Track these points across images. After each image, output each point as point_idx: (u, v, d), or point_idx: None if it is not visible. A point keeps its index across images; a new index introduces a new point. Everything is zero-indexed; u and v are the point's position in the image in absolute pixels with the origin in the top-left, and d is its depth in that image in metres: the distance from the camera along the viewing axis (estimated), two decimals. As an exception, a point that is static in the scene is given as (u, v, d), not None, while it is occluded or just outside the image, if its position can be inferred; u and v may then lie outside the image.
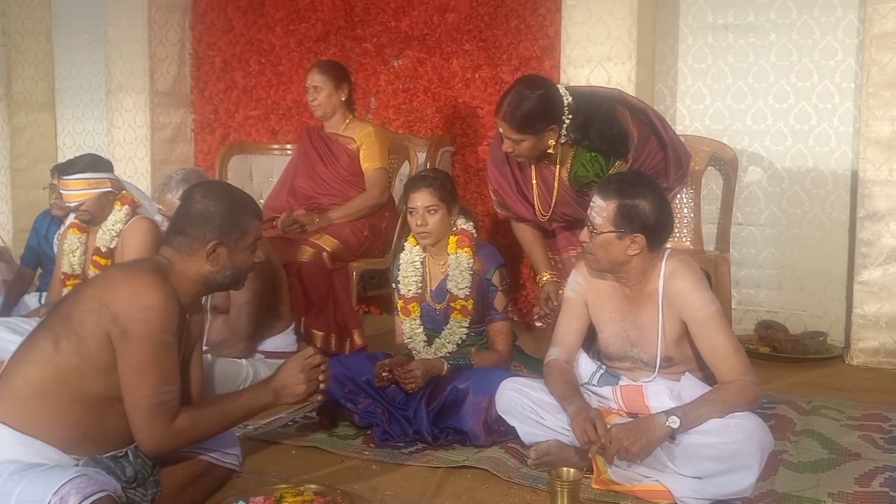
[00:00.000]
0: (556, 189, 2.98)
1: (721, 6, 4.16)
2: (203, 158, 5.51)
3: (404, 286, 3.07)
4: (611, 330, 2.48)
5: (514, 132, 2.80)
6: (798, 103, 4.05)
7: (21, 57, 5.86)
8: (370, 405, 2.83)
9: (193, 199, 2.14)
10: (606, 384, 2.46)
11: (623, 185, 2.34)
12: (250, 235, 2.15)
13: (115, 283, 2.00)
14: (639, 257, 2.35)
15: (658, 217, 2.32)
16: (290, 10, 5.13)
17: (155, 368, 1.96)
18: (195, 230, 2.09)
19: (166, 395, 1.98)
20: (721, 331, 2.32)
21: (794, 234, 4.08)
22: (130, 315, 1.93)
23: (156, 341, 1.95)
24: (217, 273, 2.11)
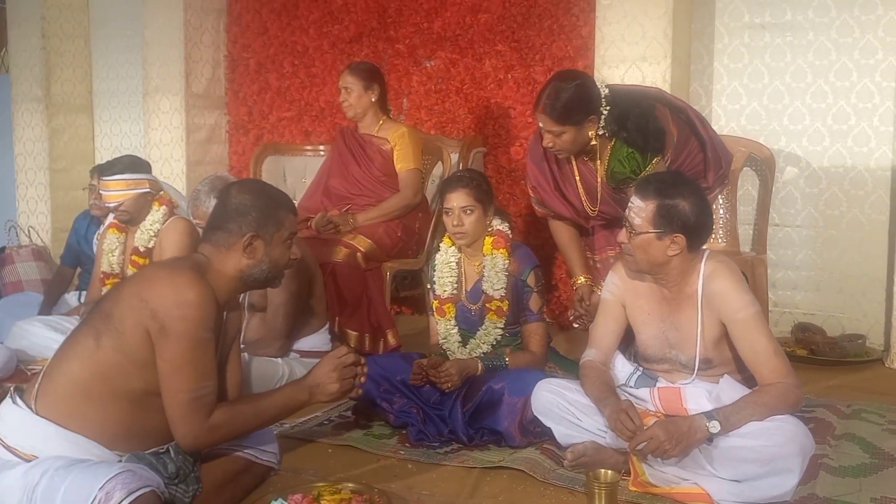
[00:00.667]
0: (598, 186, 2.97)
1: (758, 5, 4.11)
2: (237, 160, 5.57)
3: (440, 286, 3.08)
4: (649, 332, 2.46)
5: (554, 124, 2.80)
6: (836, 103, 3.99)
7: (60, 60, 5.95)
8: (405, 405, 2.84)
9: (229, 195, 2.18)
10: (643, 386, 2.44)
11: (663, 185, 2.32)
12: (286, 229, 2.17)
13: (155, 280, 2.03)
14: (678, 258, 2.33)
15: (698, 217, 2.30)
16: (324, 12, 5.16)
17: (192, 364, 1.98)
18: (232, 224, 2.12)
19: (203, 390, 2.01)
20: (762, 333, 2.30)
21: (832, 235, 4.03)
22: (169, 312, 1.96)
23: (193, 338, 1.98)
24: (254, 267, 2.13)
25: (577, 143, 2.87)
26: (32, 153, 5.99)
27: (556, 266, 4.53)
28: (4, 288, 5.07)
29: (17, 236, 5.78)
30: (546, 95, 2.80)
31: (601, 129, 2.85)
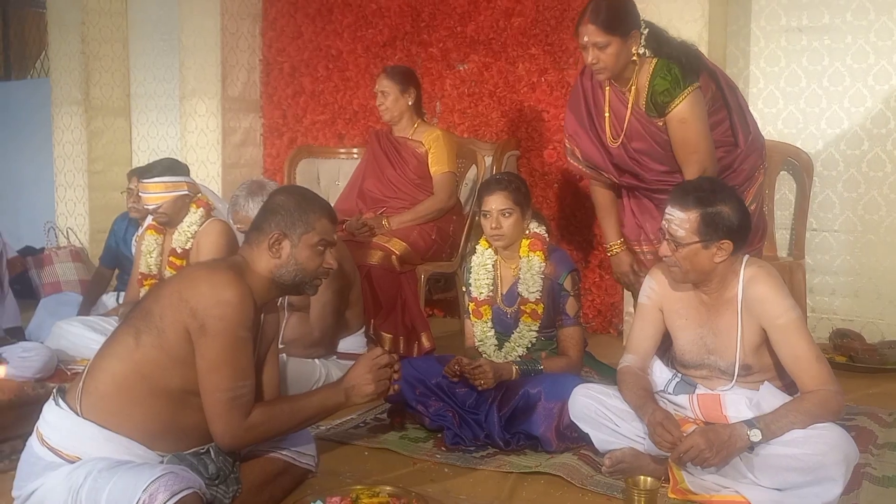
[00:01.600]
0: (628, 115, 2.96)
1: (795, 8, 4.07)
2: (271, 162, 5.62)
3: (476, 289, 3.08)
4: (687, 337, 2.45)
5: (600, 34, 2.80)
6: (875, 106, 3.94)
7: (99, 64, 6.06)
8: (441, 408, 2.85)
9: (271, 198, 2.23)
10: (682, 392, 2.43)
11: (702, 194, 2.31)
12: (316, 233, 2.17)
13: (196, 279, 2.06)
14: (724, 263, 2.32)
15: (741, 219, 2.30)
16: (358, 16, 5.20)
17: (231, 363, 2.01)
18: (264, 223, 2.17)
19: (241, 389, 2.03)
20: (802, 338, 2.27)
21: (870, 240, 3.98)
22: (208, 310, 1.98)
23: (232, 337, 2.00)
24: (281, 268, 2.14)
25: (619, 60, 2.86)
26: (71, 155, 6.10)
27: (589, 270, 4.51)
28: (44, 288, 5.16)
29: (56, 237, 5.88)
30: (592, 6, 2.84)
31: (642, 48, 2.88)
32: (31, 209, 6.71)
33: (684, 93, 2.85)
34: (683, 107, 2.85)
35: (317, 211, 2.19)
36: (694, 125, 2.87)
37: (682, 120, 2.86)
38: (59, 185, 6.20)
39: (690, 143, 2.87)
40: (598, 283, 4.50)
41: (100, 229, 5.82)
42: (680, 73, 2.87)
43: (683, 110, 2.86)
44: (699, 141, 2.88)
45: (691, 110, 2.86)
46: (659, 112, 2.91)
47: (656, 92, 2.88)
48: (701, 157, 2.88)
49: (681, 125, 2.87)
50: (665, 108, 2.87)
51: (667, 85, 2.86)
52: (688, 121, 2.86)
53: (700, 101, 2.90)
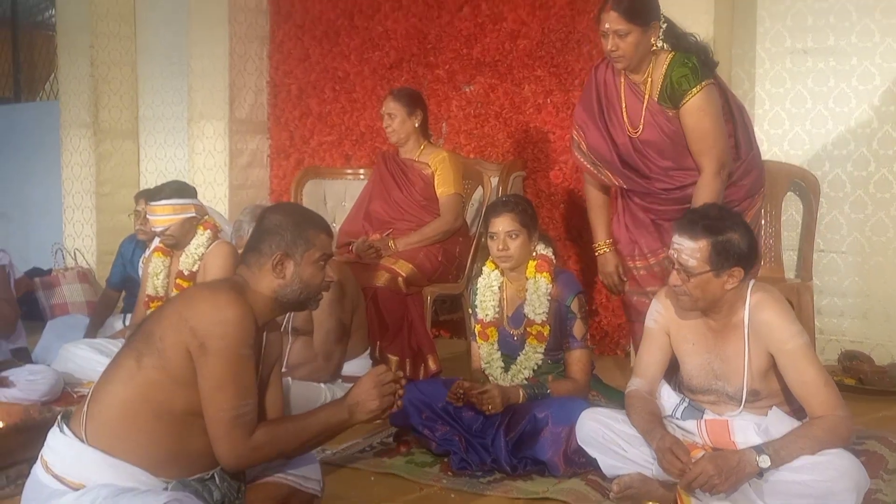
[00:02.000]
0: (644, 106, 2.98)
1: (800, 30, 4.08)
2: (278, 183, 5.65)
3: (482, 310, 3.08)
4: (694, 362, 2.44)
5: (621, 21, 2.85)
6: (882, 128, 3.94)
7: (108, 87, 6.11)
8: (447, 432, 2.84)
9: (263, 217, 2.21)
10: (690, 418, 2.41)
11: (710, 222, 2.30)
12: (317, 249, 2.15)
13: (196, 299, 2.05)
14: (734, 290, 2.32)
15: (750, 245, 2.30)
16: (365, 38, 5.24)
17: (233, 382, 1.98)
18: (263, 245, 2.14)
19: (244, 408, 2.00)
20: (810, 363, 2.26)
21: (878, 262, 3.96)
22: (208, 329, 1.97)
23: (233, 355, 1.98)
24: (286, 287, 2.13)
25: (638, 50, 2.90)
26: (80, 177, 6.14)
27: (596, 291, 4.50)
28: (51, 310, 5.17)
29: (64, 259, 5.90)
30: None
31: (661, 41, 2.92)
32: (40, 231, 6.74)
33: (702, 84, 2.89)
34: (701, 97, 2.89)
35: (314, 227, 2.18)
36: (711, 116, 2.91)
37: (699, 109, 2.89)
38: (67, 207, 6.24)
39: (708, 135, 2.90)
40: (605, 304, 4.49)
41: (107, 251, 5.84)
42: (698, 65, 2.91)
43: (701, 100, 2.89)
44: (717, 134, 2.91)
45: (709, 101, 2.91)
46: (673, 103, 2.93)
47: (673, 81, 2.91)
48: (719, 149, 2.91)
49: (698, 115, 2.90)
50: (681, 97, 2.90)
51: (686, 72, 2.90)
52: (706, 111, 2.89)
53: (716, 95, 2.94)
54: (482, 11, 4.79)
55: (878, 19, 3.91)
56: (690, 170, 2.99)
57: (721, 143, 2.92)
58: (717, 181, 2.91)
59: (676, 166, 2.99)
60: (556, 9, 4.55)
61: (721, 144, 2.92)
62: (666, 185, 3.01)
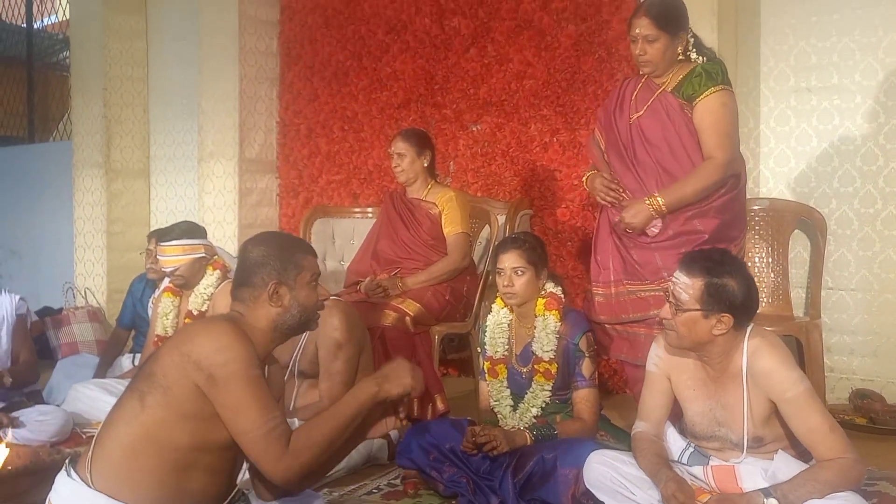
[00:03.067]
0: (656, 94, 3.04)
1: (804, 69, 4.12)
2: (287, 222, 5.69)
3: (491, 347, 3.08)
4: (696, 408, 2.42)
5: (652, 27, 2.96)
6: (888, 165, 3.95)
7: (120, 127, 6.21)
8: (455, 474, 2.82)
9: (246, 251, 2.21)
10: (696, 463, 2.39)
11: (710, 264, 2.30)
12: (307, 271, 2.17)
13: (192, 334, 2.05)
14: (723, 337, 2.31)
15: (746, 296, 2.28)
16: (373, 79, 5.31)
17: (252, 401, 1.97)
18: (254, 278, 2.14)
19: (273, 421, 1.98)
20: (814, 410, 2.23)
21: (887, 299, 3.95)
22: (211, 359, 1.97)
23: (243, 377, 1.98)
24: (285, 314, 2.14)
25: (665, 57, 3.00)
26: (91, 217, 6.21)
27: (603, 329, 4.50)
28: (61, 349, 5.20)
29: (74, 297, 5.95)
30: (648, 1, 3.00)
31: (690, 51, 3.02)
32: (51, 269, 6.80)
33: (728, 87, 2.98)
34: (724, 95, 2.98)
35: (300, 250, 2.21)
36: (732, 116, 2.99)
37: (721, 104, 2.96)
38: (79, 246, 6.30)
39: (723, 129, 2.96)
40: (614, 342, 4.48)
41: (117, 289, 5.88)
42: (724, 72, 3.00)
43: (724, 97, 2.97)
44: (734, 132, 2.99)
45: (732, 102, 3.01)
46: (687, 96, 2.99)
47: (703, 71, 2.98)
48: (731, 147, 2.97)
49: (720, 109, 2.96)
50: (702, 92, 2.95)
51: (717, 68, 3.00)
52: (726, 108, 2.97)
53: (735, 103, 3.02)
54: (488, 53, 4.86)
55: (882, 58, 3.95)
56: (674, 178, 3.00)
57: (735, 142, 2.99)
58: (720, 170, 2.94)
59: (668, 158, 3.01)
60: (562, 50, 4.61)
61: (734, 144, 2.98)
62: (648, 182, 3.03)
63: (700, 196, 2.96)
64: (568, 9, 4.60)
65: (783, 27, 4.17)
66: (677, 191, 2.96)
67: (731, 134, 2.99)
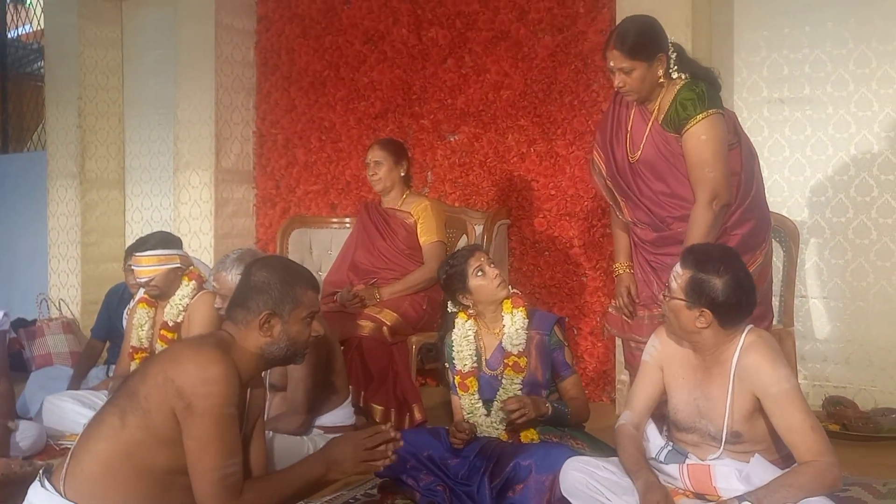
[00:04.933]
0: (648, 129, 2.99)
1: (776, 80, 4.18)
2: (264, 232, 5.67)
3: (459, 361, 3.10)
4: (680, 397, 2.45)
5: (625, 59, 2.88)
6: (858, 175, 4.01)
7: (94, 137, 6.17)
8: (432, 482, 2.82)
9: (251, 272, 2.21)
10: (673, 461, 2.41)
11: (702, 258, 2.33)
12: (304, 307, 2.17)
13: (181, 358, 2.05)
14: (709, 331, 2.33)
15: (729, 297, 2.29)
16: (350, 89, 5.31)
17: (219, 441, 1.98)
18: (251, 302, 2.14)
19: (231, 468, 2.00)
20: (797, 408, 2.25)
21: (859, 307, 4.00)
22: (195, 389, 1.97)
23: (219, 415, 1.98)
24: (273, 345, 2.14)
25: (646, 83, 2.92)
26: (65, 227, 6.15)
27: (581, 337, 4.52)
28: (34, 361, 5.13)
29: (48, 309, 5.87)
30: (617, 32, 2.93)
31: (671, 70, 2.93)
32: (25, 281, 6.72)
33: (708, 112, 2.87)
34: (704, 125, 2.87)
35: (302, 284, 2.20)
36: (712, 145, 2.86)
37: (700, 136, 2.86)
38: (53, 257, 6.23)
39: (706, 164, 2.86)
40: (591, 350, 4.51)
41: (92, 300, 5.83)
42: (706, 93, 2.91)
43: (704, 128, 2.87)
44: (716, 162, 2.86)
45: (713, 129, 2.87)
46: (676, 128, 2.92)
47: (678, 106, 2.91)
48: (716, 180, 2.85)
49: (698, 142, 2.87)
50: (685, 123, 2.88)
51: (693, 97, 2.90)
52: (707, 138, 2.86)
53: (722, 125, 2.91)
54: (466, 63, 4.88)
55: (852, 69, 4.02)
56: (685, 200, 2.94)
57: (719, 173, 2.85)
58: (707, 212, 2.85)
59: (670, 192, 2.96)
60: (538, 60, 4.64)
61: (718, 175, 2.85)
62: (659, 213, 2.99)
63: (710, 239, 2.84)
64: (544, 20, 4.64)
65: (756, 39, 4.23)
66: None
67: (712, 166, 2.87)
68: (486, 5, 4.81)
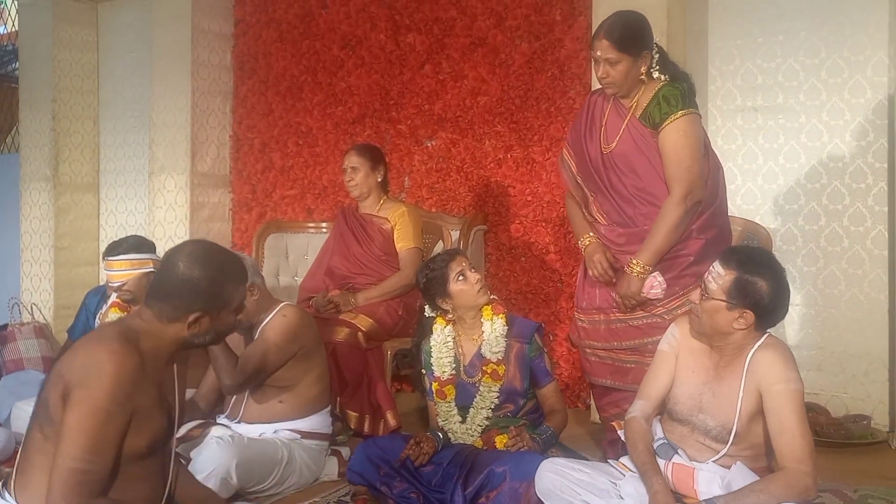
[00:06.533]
0: (625, 121, 3.02)
1: (749, 89, 4.22)
2: (240, 237, 5.63)
3: (438, 368, 3.09)
4: (684, 389, 2.45)
5: (613, 50, 2.91)
6: (831, 183, 4.05)
7: (69, 140, 6.11)
8: (405, 489, 2.82)
9: (177, 265, 2.05)
10: (663, 456, 2.41)
11: (747, 259, 2.34)
12: (234, 301, 2.10)
13: (76, 352, 1.96)
14: (743, 332, 2.34)
15: (773, 300, 2.31)
16: (328, 94, 5.30)
17: (86, 434, 1.85)
18: (177, 300, 2.02)
19: (90, 465, 1.85)
20: (794, 411, 2.26)
21: (831, 314, 4.04)
22: (77, 378, 1.88)
23: (94, 406, 1.86)
24: (197, 336, 2.07)
25: (628, 78, 2.96)
26: (38, 231, 6.08)
27: (557, 343, 4.53)
28: (5, 366, 5.05)
29: (20, 313, 5.80)
30: (608, 23, 2.95)
31: (653, 69, 2.98)
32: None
33: (688, 110, 2.92)
34: (684, 122, 2.91)
35: (232, 282, 2.09)
36: (690, 142, 2.91)
37: (680, 132, 2.90)
38: (25, 261, 6.16)
39: (683, 160, 2.90)
40: (566, 356, 4.52)
41: (65, 305, 5.77)
42: (687, 93, 2.97)
43: (684, 124, 2.91)
44: (693, 159, 2.90)
45: (691, 127, 2.92)
46: (653, 123, 2.95)
47: (660, 101, 2.94)
48: (691, 176, 2.89)
49: (677, 137, 2.91)
50: (664, 119, 2.92)
51: (676, 93, 2.94)
52: (686, 136, 2.91)
53: (701, 126, 2.98)
54: (443, 69, 4.89)
55: (825, 78, 4.06)
56: (655, 197, 2.97)
57: (694, 171, 2.90)
58: (679, 207, 2.88)
59: (642, 186, 2.98)
60: (515, 67, 4.66)
61: (694, 173, 2.90)
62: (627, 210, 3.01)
63: (675, 236, 2.92)
64: (522, 27, 4.65)
65: (730, 48, 4.27)
66: (651, 245, 2.92)
67: (690, 162, 2.91)
68: (463, 12, 4.82)
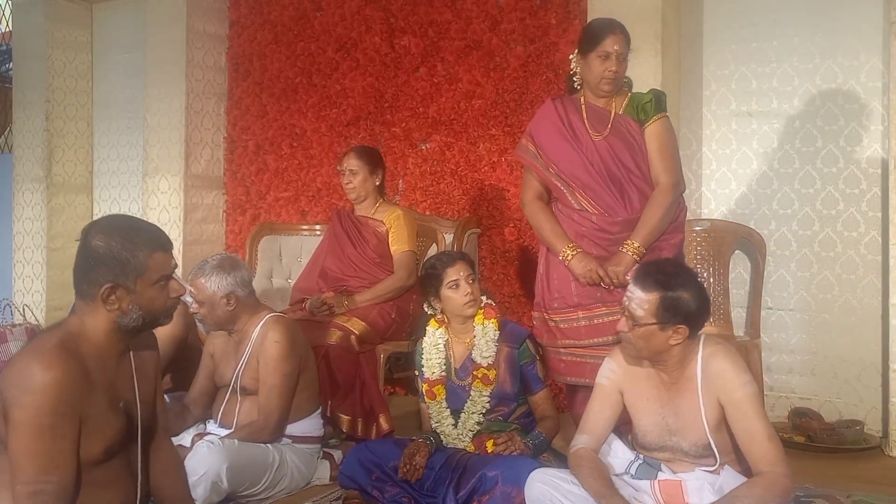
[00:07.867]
0: (611, 116, 3.10)
1: (744, 94, 4.22)
2: (234, 238, 5.62)
3: (428, 369, 3.09)
4: (648, 419, 2.44)
5: (626, 46, 3.04)
6: (825, 188, 4.05)
7: (62, 141, 6.09)
8: (397, 494, 2.81)
9: (86, 239, 1.93)
10: (645, 476, 2.39)
11: (663, 277, 2.34)
12: (152, 271, 1.93)
13: (11, 365, 1.88)
14: (680, 346, 2.35)
15: (699, 305, 2.34)
16: (322, 96, 5.29)
17: (32, 455, 1.79)
18: (90, 274, 1.90)
19: (43, 485, 1.79)
20: (757, 414, 2.28)
21: (825, 319, 4.04)
22: (14, 397, 1.80)
23: (34, 427, 1.79)
24: (125, 317, 1.92)
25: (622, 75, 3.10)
26: (31, 232, 6.05)
27: (549, 348, 4.51)
28: (-4, 367, 5.03)
29: (12, 314, 5.77)
30: (614, 21, 3.07)
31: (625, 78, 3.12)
32: (-11, 286, 6.61)
33: (666, 113, 3.09)
34: (667, 121, 3.10)
35: (145, 247, 1.93)
36: (674, 139, 3.12)
37: (666, 130, 3.08)
38: (18, 262, 6.14)
39: (669, 153, 3.07)
40: (559, 361, 4.50)
41: (57, 306, 5.74)
42: (657, 99, 3.10)
43: (667, 123, 3.10)
44: (676, 155, 3.11)
45: (671, 128, 3.12)
46: (639, 120, 3.08)
47: (638, 105, 3.08)
48: (676, 170, 3.07)
49: (665, 135, 3.07)
50: (647, 119, 3.07)
51: (651, 98, 3.09)
52: (671, 132, 3.10)
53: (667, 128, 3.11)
54: (438, 72, 4.88)
55: (819, 84, 4.06)
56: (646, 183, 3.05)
57: (679, 166, 3.10)
58: (670, 195, 3.00)
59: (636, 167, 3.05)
60: (510, 70, 4.65)
61: (679, 167, 3.09)
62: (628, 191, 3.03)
63: (667, 221, 3.02)
64: (517, 30, 4.65)
65: (724, 53, 4.27)
66: (646, 226, 2.98)
67: (676, 157, 3.10)
68: (458, 15, 4.81)
